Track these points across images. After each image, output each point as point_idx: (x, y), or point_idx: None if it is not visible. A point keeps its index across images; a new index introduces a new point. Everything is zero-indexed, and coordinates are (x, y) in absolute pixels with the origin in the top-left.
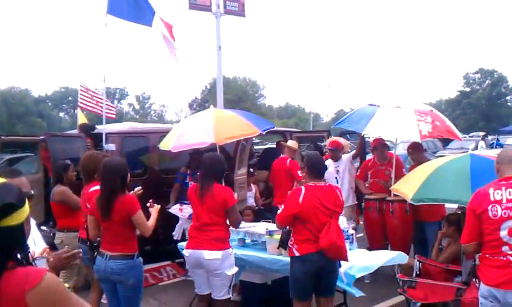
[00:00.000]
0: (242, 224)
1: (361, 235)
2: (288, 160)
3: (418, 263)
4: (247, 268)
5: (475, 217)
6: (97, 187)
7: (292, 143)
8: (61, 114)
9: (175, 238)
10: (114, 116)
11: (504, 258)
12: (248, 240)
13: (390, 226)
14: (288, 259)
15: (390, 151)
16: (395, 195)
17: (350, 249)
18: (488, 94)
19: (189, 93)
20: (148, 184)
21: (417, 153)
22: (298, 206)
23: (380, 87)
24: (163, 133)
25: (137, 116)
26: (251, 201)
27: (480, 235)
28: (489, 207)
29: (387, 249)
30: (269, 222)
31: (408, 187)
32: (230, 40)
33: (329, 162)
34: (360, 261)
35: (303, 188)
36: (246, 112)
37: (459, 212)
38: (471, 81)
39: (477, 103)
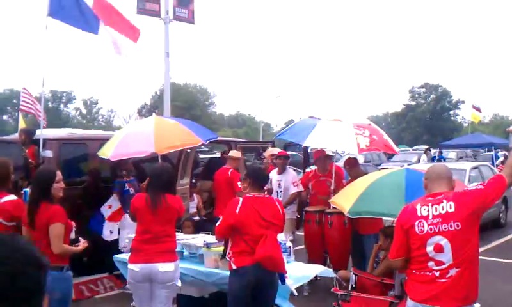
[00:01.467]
0: (181, 236)
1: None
2: (230, 170)
3: (354, 276)
4: (184, 282)
5: (403, 233)
6: (8, 198)
7: (234, 153)
8: (5, 117)
9: (121, 248)
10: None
11: (430, 274)
12: (185, 253)
13: (329, 238)
14: (225, 272)
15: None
16: (334, 207)
17: (288, 262)
18: (432, 108)
19: (139, 98)
20: (87, 192)
21: (354, 168)
22: (235, 217)
23: (328, 98)
24: (103, 141)
25: (84, 121)
26: (193, 212)
27: (407, 250)
28: (416, 223)
29: (326, 261)
30: (208, 234)
31: (345, 199)
32: (180, 46)
33: (272, 174)
34: (296, 271)
35: (241, 199)
36: (189, 121)
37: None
38: (416, 95)
39: (421, 116)
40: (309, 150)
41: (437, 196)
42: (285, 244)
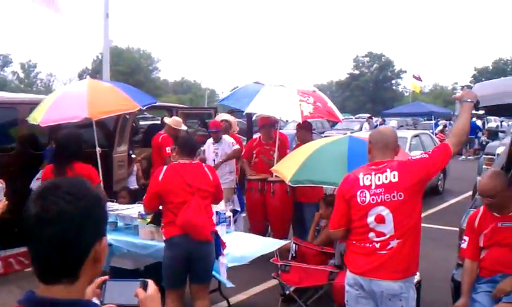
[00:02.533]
0: (115, 206)
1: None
2: (162, 136)
3: (294, 245)
4: (117, 254)
5: (344, 202)
6: None
7: (172, 120)
8: None
9: None
10: None
11: (370, 245)
12: (120, 224)
13: (271, 206)
14: (161, 244)
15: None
16: (276, 175)
17: (227, 233)
18: (375, 78)
19: (79, 62)
20: (16, 160)
21: (304, 132)
22: (158, 184)
23: (274, 65)
24: (34, 105)
25: (22, 85)
26: (132, 180)
27: (348, 221)
28: (358, 193)
29: (267, 229)
30: None
31: (287, 168)
32: (123, 8)
33: (208, 143)
34: (234, 249)
35: (165, 167)
36: (126, 85)
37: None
38: (360, 64)
39: (365, 85)
40: (254, 117)
41: (380, 165)
42: (224, 213)
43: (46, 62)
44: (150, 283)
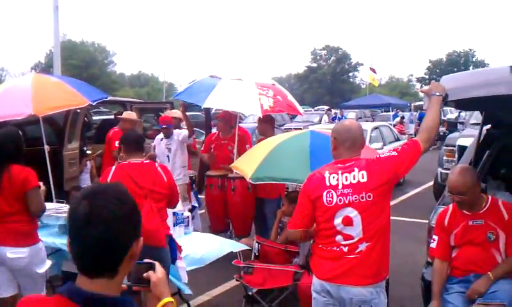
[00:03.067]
0: (66, 207)
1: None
2: (113, 130)
3: (256, 244)
4: (69, 258)
5: (309, 202)
6: None
7: (127, 114)
8: None
9: None
10: None
11: (338, 249)
12: None
13: (232, 203)
14: None
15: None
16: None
17: (186, 234)
18: (332, 70)
19: (32, 56)
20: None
21: (265, 126)
22: None
23: (232, 58)
24: None
25: None
26: (86, 178)
27: (311, 221)
28: (324, 193)
29: (229, 227)
30: None
31: (247, 164)
32: (77, 0)
33: (158, 139)
34: (194, 250)
35: (113, 168)
36: (76, 80)
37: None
38: (318, 57)
39: (322, 78)
40: (213, 111)
41: (347, 163)
42: (182, 214)
43: None
44: (157, 265)
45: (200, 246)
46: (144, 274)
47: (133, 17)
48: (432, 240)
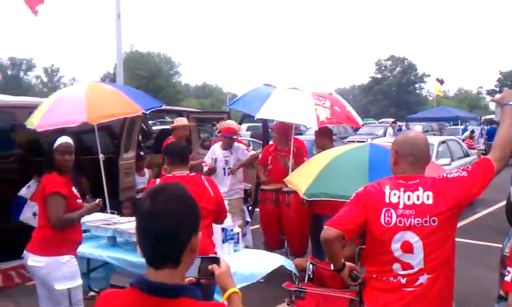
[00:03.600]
0: (115, 218)
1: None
2: (168, 141)
3: (310, 265)
4: (118, 271)
5: (363, 211)
6: None
7: (176, 121)
8: None
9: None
10: None
11: (395, 280)
12: (119, 239)
13: (286, 219)
14: None
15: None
16: None
17: (235, 251)
18: (398, 81)
19: (101, 66)
20: (15, 167)
21: (322, 138)
22: None
23: (295, 69)
24: (33, 109)
25: (46, 89)
26: (141, 182)
27: (355, 230)
28: (383, 211)
29: (284, 244)
30: None
31: (301, 179)
32: (144, 12)
33: (213, 150)
34: (243, 267)
35: (157, 181)
36: (130, 88)
37: None
38: (382, 68)
39: (387, 89)
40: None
41: (411, 181)
42: (231, 230)
43: (69, 66)
44: (222, 259)
45: (249, 262)
46: (209, 267)
47: (198, 29)
48: (507, 273)
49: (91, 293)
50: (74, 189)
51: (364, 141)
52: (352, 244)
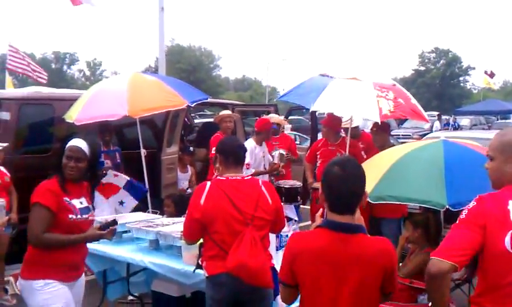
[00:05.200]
0: (158, 220)
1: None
2: (214, 135)
3: None
4: (160, 276)
5: (479, 234)
6: None
7: (221, 114)
8: None
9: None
10: (45, 81)
11: None
12: (162, 242)
13: None
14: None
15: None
16: None
17: None
18: (442, 74)
19: (143, 60)
20: (52, 163)
21: (380, 133)
22: (199, 209)
23: (335, 62)
24: (73, 101)
25: (88, 83)
26: (185, 185)
27: (470, 258)
28: (509, 234)
29: None
30: None
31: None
32: (185, 6)
33: (251, 146)
34: None
35: (208, 184)
36: (174, 79)
37: (430, 213)
38: (426, 60)
39: (431, 82)
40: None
41: None
42: (286, 236)
43: (111, 60)
44: None
45: None
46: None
47: (238, 22)
48: None
49: (130, 298)
50: (81, 202)
51: (409, 136)
52: (421, 253)
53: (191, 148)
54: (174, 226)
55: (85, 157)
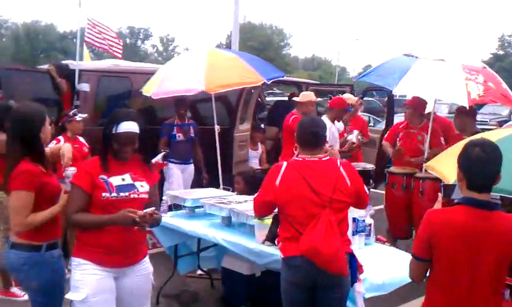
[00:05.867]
0: (231, 197)
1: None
2: (292, 117)
3: None
4: (230, 253)
5: None
6: None
7: (303, 96)
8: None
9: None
10: (120, 55)
11: None
12: (234, 219)
13: (418, 208)
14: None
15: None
16: (427, 170)
17: (366, 245)
18: None
19: (214, 37)
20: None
21: (465, 118)
22: (274, 191)
23: (409, 44)
24: (149, 75)
25: (160, 58)
26: (255, 163)
27: None
28: None
29: (411, 234)
30: None
31: (451, 166)
32: None
33: (329, 125)
34: (374, 273)
35: (284, 165)
36: (251, 55)
37: None
38: (506, 44)
39: (510, 67)
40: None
41: None
42: (363, 220)
43: (183, 36)
44: None
45: (382, 268)
46: None
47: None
48: None
49: (199, 272)
50: (123, 179)
51: (486, 122)
52: None
53: (262, 125)
54: (247, 204)
55: (138, 138)
